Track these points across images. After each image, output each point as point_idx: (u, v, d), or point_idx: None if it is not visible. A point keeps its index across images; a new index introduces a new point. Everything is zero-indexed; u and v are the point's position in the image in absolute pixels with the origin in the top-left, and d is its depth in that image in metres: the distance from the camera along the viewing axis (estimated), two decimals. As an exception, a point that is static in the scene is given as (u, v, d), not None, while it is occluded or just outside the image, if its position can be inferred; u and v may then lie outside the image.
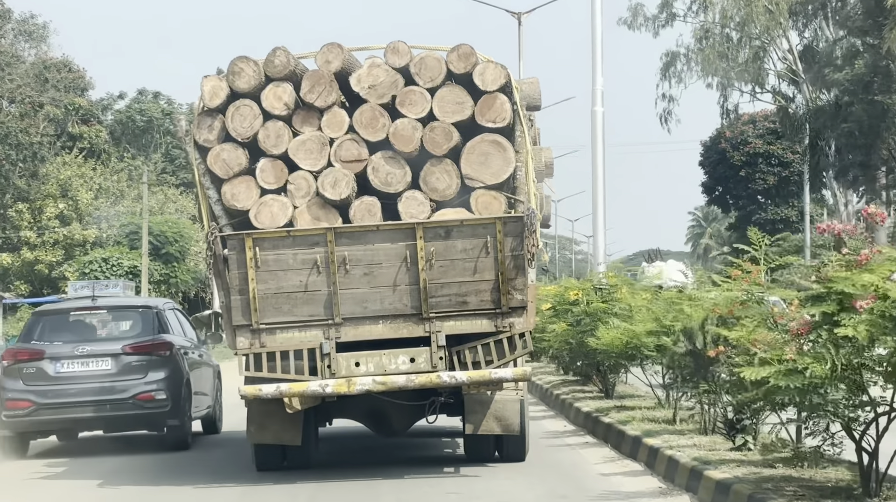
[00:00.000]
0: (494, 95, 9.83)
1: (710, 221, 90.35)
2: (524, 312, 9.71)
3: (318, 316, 9.71)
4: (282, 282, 9.72)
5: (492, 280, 9.67)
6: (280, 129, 9.86)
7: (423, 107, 9.83)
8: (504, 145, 9.78)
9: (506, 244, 9.65)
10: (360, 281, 9.70)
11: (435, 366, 9.64)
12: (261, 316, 9.71)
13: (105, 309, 12.92)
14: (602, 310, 13.88)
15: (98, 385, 12.20)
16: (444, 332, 9.67)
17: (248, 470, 10.50)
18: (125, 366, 12.30)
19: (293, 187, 9.82)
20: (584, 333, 13.91)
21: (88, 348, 12.38)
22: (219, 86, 9.88)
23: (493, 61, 9.90)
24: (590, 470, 10.00)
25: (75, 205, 44.81)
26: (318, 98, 9.88)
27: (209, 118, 9.89)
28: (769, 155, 48.14)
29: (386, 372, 9.65)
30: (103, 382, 12.22)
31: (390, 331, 9.74)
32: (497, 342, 9.71)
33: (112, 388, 12.20)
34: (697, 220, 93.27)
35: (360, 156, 9.86)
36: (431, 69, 9.89)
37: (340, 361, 9.68)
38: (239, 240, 9.73)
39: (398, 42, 9.96)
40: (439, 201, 9.81)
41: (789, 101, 40.42)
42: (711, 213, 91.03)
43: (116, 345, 12.43)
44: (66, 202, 44.39)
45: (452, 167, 9.79)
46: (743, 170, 48.04)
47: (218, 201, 9.88)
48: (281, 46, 9.87)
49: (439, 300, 9.68)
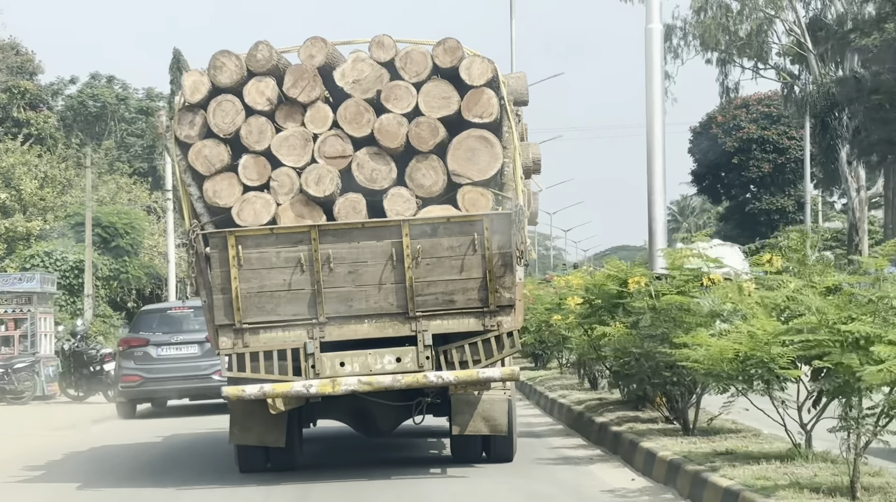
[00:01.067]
0: (481, 90, 10.49)
1: (686, 215, 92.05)
2: (512, 311, 10.36)
3: (302, 315, 10.33)
4: (265, 280, 10.33)
5: (479, 278, 10.32)
6: (263, 125, 10.48)
7: (409, 102, 10.48)
8: (491, 141, 10.44)
9: (493, 241, 10.30)
10: (344, 279, 10.33)
11: (421, 366, 10.27)
12: (244, 315, 10.32)
13: (192, 308, 18.51)
14: (680, 306, 10.21)
15: (187, 364, 18.20)
16: (430, 331, 10.30)
17: (231, 472, 11.16)
18: (207, 351, 17.49)
19: (276, 184, 10.45)
20: (653, 339, 10.55)
21: (180, 337, 18.50)
22: (200, 81, 10.51)
23: (480, 55, 10.57)
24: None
25: (18, 196, 45.00)
26: (301, 93, 10.51)
27: (190, 114, 10.51)
28: (764, 140, 48.76)
29: (371, 372, 10.27)
30: (191, 362, 18.21)
31: (376, 331, 10.36)
32: (485, 341, 10.36)
33: (197, 367, 18.17)
34: (673, 215, 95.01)
35: (345, 152, 10.50)
36: (417, 63, 10.54)
37: (325, 361, 10.31)
38: (221, 238, 10.34)
39: (383, 36, 10.61)
40: (425, 198, 10.46)
41: (795, 78, 40.34)
42: (689, 207, 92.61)
43: (200, 335, 17.70)
44: (8, 192, 44.59)
45: (439, 163, 10.45)
46: (736, 156, 48.68)
47: (199, 198, 10.50)
48: (263, 41, 10.51)
49: (426, 299, 10.33)
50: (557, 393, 16.06)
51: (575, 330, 13.76)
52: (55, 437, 15.69)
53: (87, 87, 52.87)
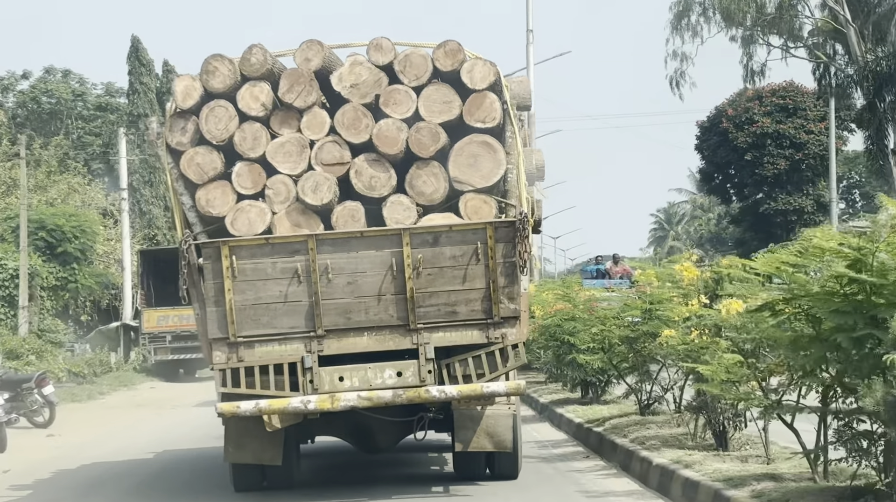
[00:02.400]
0: (483, 94, 11.27)
1: (674, 223, 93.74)
2: (517, 322, 11.11)
3: (300, 328, 11.06)
4: (260, 292, 11.06)
5: (482, 288, 11.07)
6: (257, 131, 11.25)
7: (409, 106, 11.26)
8: (494, 146, 11.21)
9: (497, 250, 11.05)
10: (343, 290, 11.07)
11: (423, 380, 11.00)
12: (238, 328, 11.05)
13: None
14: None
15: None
16: (432, 344, 11.03)
17: (225, 491, 11.92)
18: None
19: (271, 192, 11.21)
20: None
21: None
22: (192, 86, 11.26)
23: (482, 58, 11.35)
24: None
25: (-42, 199, 45.24)
26: (297, 98, 11.29)
27: (182, 120, 11.27)
28: (779, 135, 49.11)
29: (372, 386, 10.99)
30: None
31: (376, 344, 11.09)
32: (489, 354, 11.09)
33: None
34: (660, 223, 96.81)
35: (343, 158, 11.27)
36: (417, 67, 11.32)
37: (323, 376, 11.04)
38: (214, 248, 11.07)
39: (381, 38, 11.39)
40: (426, 206, 11.22)
41: (830, 59, 39.68)
42: (676, 214, 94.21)
43: None
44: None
45: (440, 170, 11.21)
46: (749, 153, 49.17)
47: (192, 207, 11.24)
48: (258, 44, 11.27)
49: (427, 310, 11.08)
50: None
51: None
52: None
53: (40, 83, 53.35)
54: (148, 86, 51.50)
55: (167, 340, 35.54)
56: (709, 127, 51.09)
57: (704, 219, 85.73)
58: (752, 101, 49.33)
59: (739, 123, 49.30)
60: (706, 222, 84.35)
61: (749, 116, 49.16)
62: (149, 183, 51.80)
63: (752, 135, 48.95)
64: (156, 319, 35.88)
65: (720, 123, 49.98)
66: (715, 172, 51.64)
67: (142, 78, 51.34)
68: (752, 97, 49.22)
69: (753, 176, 49.25)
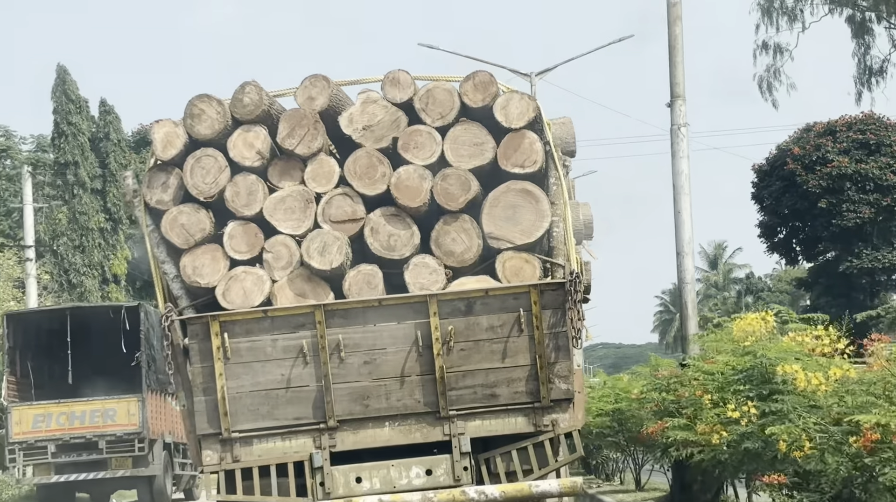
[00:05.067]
0: (521, 133, 11.69)
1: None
2: (570, 406, 11.45)
3: (307, 418, 11.39)
4: (258, 376, 11.40)
5: (527, 365, 11.40)
6: (252, 185, 11.65)
7: (433, 150, 11.67)
8: (536, 195, 11.60)
9: (543, 319, 11.39)
10: (358, 371, 11.41)
11: (458, 479, 11.30)
12: (233, 421, 11.38)
13: None
14: None
15: None
16: (468, 435, 11.35)
17: None
18: None
19: (271, 256, 11.59)
20: None
21: None
22: (174, 132, 11.70)
23: (518, 91, 11.78)
24: None
25: None
26: (299, 144, 11.70)
27: (163, 174, 11.70)
28: (861, 177, 49.04)
29: (396, 488, 11.28)
30: None
31: (400, 436, 11.41)
32: (537, 446, 11.41)
33: None
34: (665, 305, 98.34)
35: (355, 214, 11.65)
36: (441, 103, 11.74)
37: (337, 476, 11.34)
38: (202, 324, 11.43)
39: (399, 71, 11.84)
40: (456, 268, 11.57)
41: None
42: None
43: None
44: None
45: (472, 224, 11.58)
46: (823, 199, 49.03)
47: (176, 277, 11.64)
48: (251, 81, 11.72)
49: (461, 393, 11.40)
50: None
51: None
52: None
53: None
54: (78, 127, 50.29)
55: (48, 452, 27.40)
56: (769, 170, 50.93)
57: (720, 299, 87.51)
58: (824, 137, 49.26)
59: (809, 164, 49.18)
60: (722, 302, 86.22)
61: (821, 155, 49.06)
62: (80, 248, 51.26)
63: (826, 178, 48.79)
64: (30, 420, 27.70)
65: (784, 165, 49.84)
66: (779, 225, 51.49)
67: (70, 117, 50.36)
68: (822, 132, 49.18)
69: (830, 227, 49.07)
